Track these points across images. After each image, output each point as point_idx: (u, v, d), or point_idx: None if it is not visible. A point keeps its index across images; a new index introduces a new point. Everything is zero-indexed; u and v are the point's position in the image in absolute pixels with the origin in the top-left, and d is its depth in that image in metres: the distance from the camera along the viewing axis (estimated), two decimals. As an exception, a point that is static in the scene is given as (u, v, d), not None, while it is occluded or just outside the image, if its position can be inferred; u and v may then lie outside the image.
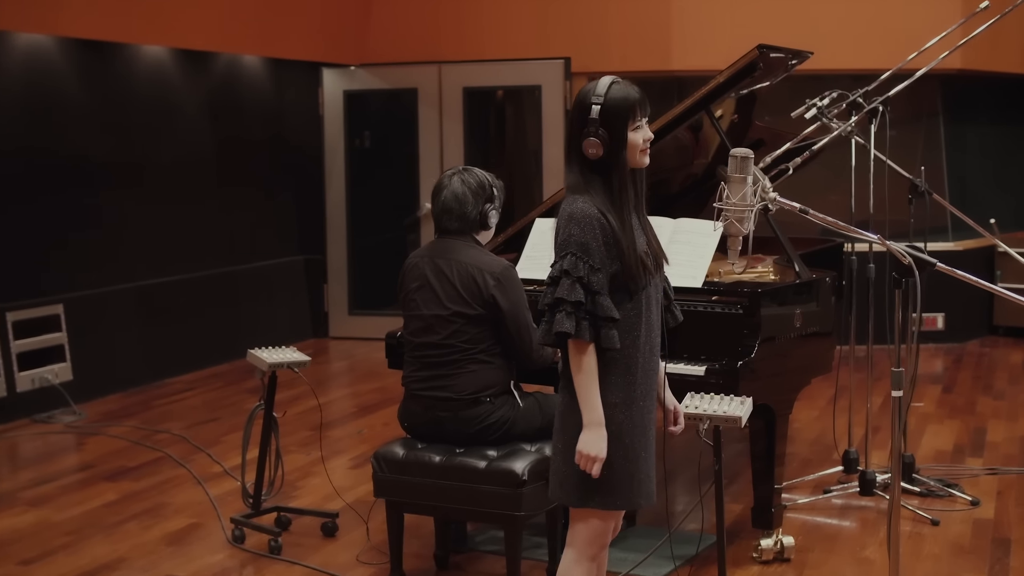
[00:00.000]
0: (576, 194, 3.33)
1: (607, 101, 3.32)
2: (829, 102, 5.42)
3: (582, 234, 3.26)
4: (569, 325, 3.23)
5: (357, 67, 9.96)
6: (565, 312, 3.24)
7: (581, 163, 3.35)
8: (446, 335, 4.33)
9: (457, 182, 4.47)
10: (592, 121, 3.30)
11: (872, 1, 9.15)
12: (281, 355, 4.98)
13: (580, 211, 3.28)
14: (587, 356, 3.28)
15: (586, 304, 3.25)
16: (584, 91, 3.36)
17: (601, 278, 3.27)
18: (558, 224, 3.33)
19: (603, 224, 3.28)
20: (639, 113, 3.35)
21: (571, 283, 3.24)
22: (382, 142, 10.22)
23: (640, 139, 3.36)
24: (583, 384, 3.30)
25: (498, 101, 10.30)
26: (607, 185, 3.34)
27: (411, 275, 4.46)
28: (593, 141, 3.29)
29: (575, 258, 3.25)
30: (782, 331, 4.61)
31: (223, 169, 9.29)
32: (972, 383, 8.13)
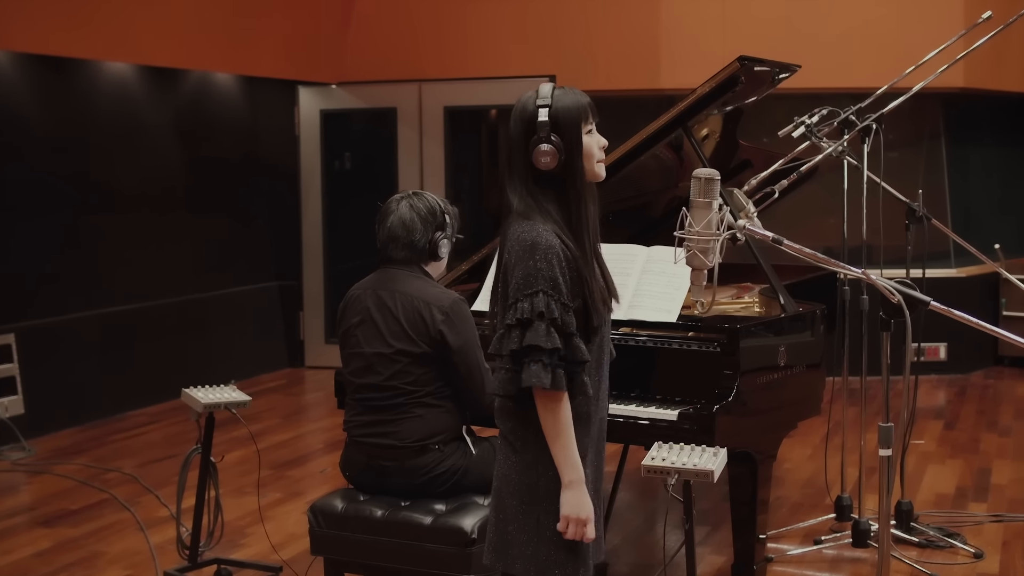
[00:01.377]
0: (527, 219, 2.91)
1: (556, 104, 2.91)
2: (819, 120, 5.00)
3: (549, 268, 2.84)
4: (546, 378, 2.81)
5: (334, 85, 9.57)
6: (541, 363, 2.81)
7: (528, 181, 2.93)
8: (389, 376, 3.91)
9: (405, 207, 4.06)
10: (542, 126, 2.89)
11: (870, 18, 8.75)
12: (218, 395, 4.55)
13: (543, 240, 2.86)
14: (564, 408, 2.88)
15: (562, 351, 2.85)
16: (523, 100, 2.96)
17: (573, 318, 2.86)
18: (513, 254, 2.90)
19: (565, 254, 2.86)
20: (591, 115, 2.95)
21: (547, 327, 2.82)
22: (360, 163, 9.83)
23: (595, 145, 2.95)
24: (562, 438, 2.88)
25: (483, 121, 9.90)
26: (563, 203, 2.93)
27: (352, 308, 4.05)
28: (546, 149, 2.88)
29: (547, 297, 2.83)
30: (765, 370, 4.18)
31: (192, 191, 8.89)
32: (976, 418, 7.69)
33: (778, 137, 5.17)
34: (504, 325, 2.89)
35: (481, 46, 9.30)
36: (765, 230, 2.79)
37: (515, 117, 2.96)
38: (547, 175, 2.91)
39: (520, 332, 2.85)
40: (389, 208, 4.08)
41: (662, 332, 4.24)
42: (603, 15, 9.05)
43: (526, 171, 2.93)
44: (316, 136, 9.67)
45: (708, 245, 2.78)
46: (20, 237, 7.40)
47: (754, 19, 8.77)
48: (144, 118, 8.43)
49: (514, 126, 2.96)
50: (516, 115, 2.96)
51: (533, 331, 2.82)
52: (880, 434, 2.71)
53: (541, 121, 2.90)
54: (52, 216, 7.63)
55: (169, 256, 8.65)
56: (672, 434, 3.94)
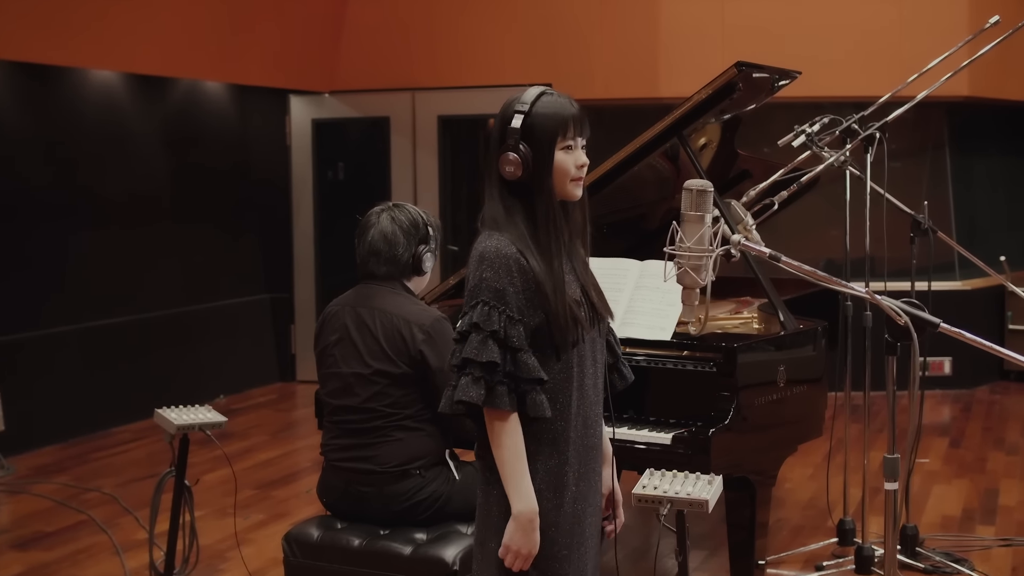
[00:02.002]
0: (493, 229, 2.73)
1: (533, 111, 2.72)
2: (820, 128, 4.81)
3: (496, 278, 2.67)
4: (475, 392, 2.64)
5: (326, 94, 9.39)
6: (472, 377, 2.64)
7: (501, 187, 2.76)
8: (367, 397, 3.72)
9: (386, 220, 3.87)
10: (511, 132, 2.71)
11: (872, 25, 8.56)
12: (192, 415, 4.35)
13: (493, 250, 2.69)
14: (508, 428, 2.68)
15: (503, 365, 2.65)
16: (508, 101, 2.77)
17: (522, 332, 2.67)
18: (471, 263, 2.75)
19: (521, 265, 2.68)
20: (572, 131, 2.75)
21: (481, 339, 2.65)
22: (353, 173, 9.64)
23: (571, 163, 2.76)
24: (507, 462, 2.70)
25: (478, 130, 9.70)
26: (529, 215, 2.75)
27: (330, 326, 3.86)
28: (511, 157, 2.70)
29: (488, 308, 2.66)
30: (763, 392, 3.99)
31: (181, 202, 8.70)
32: (982, 435, 7.49)
33: (778, 147, 4.99)
34: (452, 339, 2.74)
35: (475, 54, 9.11)
36: (762, 245, 2.60)
37: (497, 117, 2.79)
38: (516, 185, 2.73)
39: (460, 346, 2.70)
40: (369, 221, 3.90)
41: (656, 351, 4.05)
42: (600, 23, 8.87)
43: (497, 178, 2.76)
44: (308, 146, 9.48)
45: (700, 262, 2.58)
46: (1, 248, 7.21)
47: (754, 27, 8.59)
48: (131, 127, 8.25)
49: (495, 127, 2.79)
50: (498, 115, 2.78)
51: (468, 344, 2.66)
52: (885, 467, 2.52)
53: (511, 127, 2.72)
54: (35, 227, 7.44)
55: (156, 268, 8.46)
56: (666, 458, 3.76)
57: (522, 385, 2.67)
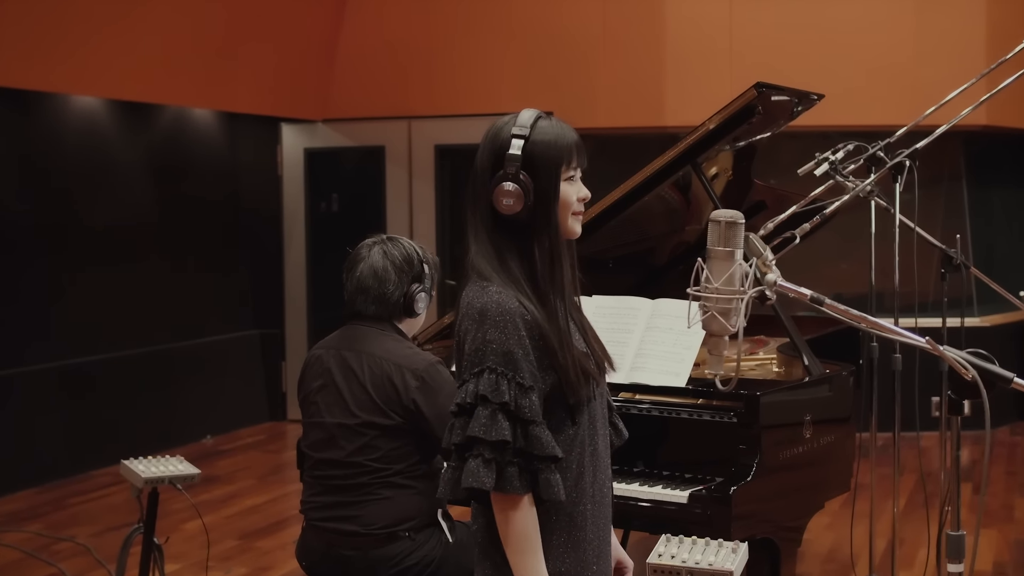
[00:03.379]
0: (483, 278, 2.37)
1: (534, 136, 2.37)
2: (844, 156, 4.46)
3: (503, 339, 2.30)
4: (487, 477, 2.27)
5: (319, 123, 9.07)
6: (482, 459, 2.27)
7: (490, 226, 2.39)
8: (353, 451, 3.36)
9: (377, 254, 3.52)
10: (511, 160, 2.35)
11: (886, 52, 8.25)
12: (162, 467, 3.99)
13: (495, 306, 2.31)
14: (522, 514, 2.32)
15: (515, 442, 2.29)
16: (497, 125, 2.42)
17: (535, 401, 2.31)
18: (462, 324, 2.37)
19: (527, 322, 2.32)
20: (575, 160, 2.41)
21: (490, 413, 2.28)
22: (347, 204, 9.30)
23: (574, 195, 2.41)
24: (522, 552, 2.33)
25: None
26: (526, 260, 2.38)
27: (312, 371, 3.50)
28: (510, 188, 2.34)
29: (495, 376, 2.29)
30: (788, 443, 3.63)
31: (167, 234, 8.35)
32: (1006, 481, 7.12)
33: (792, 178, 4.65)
34: (450, 413, 2.37)
35: (473, 81, 8.80)
36: (800, 287, 2.25)
37: (484, 144, 2.42)
38: (512, 222, 2.37)
39: (463, 421, 2.32)
40: (359, 255, 3.55)
41: (669, 398, 3.70)
42: (603, 49, 8.56)
43: (489, 214, 2.39)
44: (300, 176, 9.16)
45: (730, 305, 2.23)
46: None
47: (762, 53, 8.27)
48: (115, 156, 7.91)
49: (481, 155, 2.42)
50: (486, 142, 2.42)
51: (475, 419, 2.29)
52: (948, 545, 2.16)
53: (511, 154, 2.36)
54: (12, 259, 7.09)
55: (141, 303, 8.10)
56: (682, 518, 3.40)
57: (535, 463, 2.31)
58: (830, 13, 8.32)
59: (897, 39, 8.27)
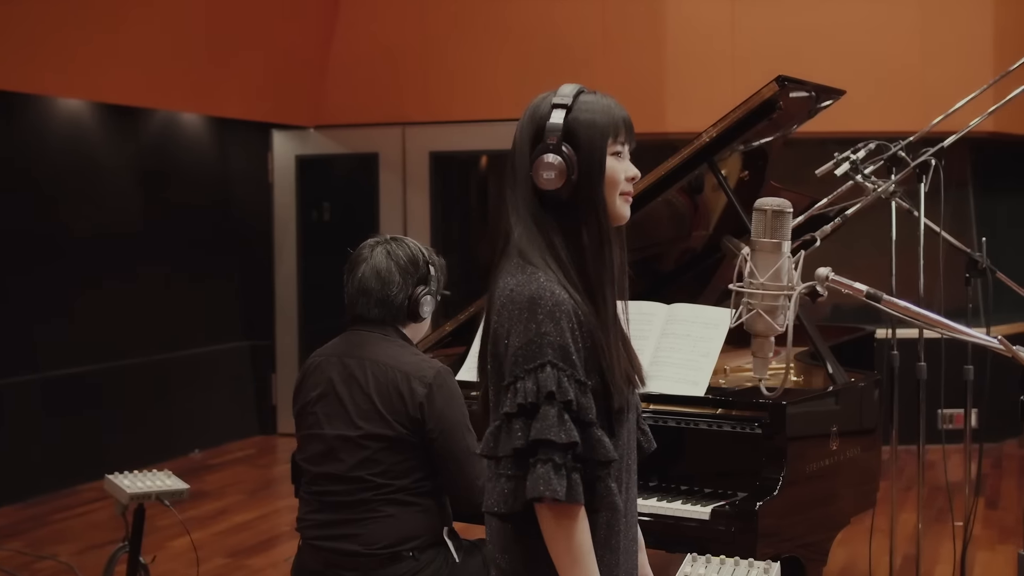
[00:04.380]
0: (528, 261, 2.16)
1: (578, 106, 2.18)
2: (865, 155, 4.27)
3: (558, 332, 2.09)
4: (560, 486, 2.05)
5: (311, 129, 8.87)
6: (552, 464, 2.05)
7: (533, 204, 2.18)
8: (354, 464, 3.14)
9: (381, 255, 3.31)
10: (552, 130, 2.14)
11: (891, 57, 8.08)
12: (148, 482, 3.77)
13: (549, 295, 2.11)
14: (581, 529, 2.12)
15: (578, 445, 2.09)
16: (537, 100, 2.22)
17: (591, 401, 2.11)
18: (504, 315, 2.15)
19: (579, 315, 2.12)
20: (623, 135, 2.21)
21: (558, 412, 2.06)
22: (339, 213, 9.10)
23: (622, 173, 2.21)
24: (584, 569, 2.11)
25: (472, 167, 9.19)
26: (573, 242, 2.17)
27: (311, 379, 3.28)
28: (551, 160, 2.13)
29: (557, 371, 2.08)
30: (815, 456, 3.43)
31: (155, 242, 8.12)
32: (1019, 494, 6.94)
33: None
34: (500, 415, 2.13)
35: (469, 87, 8.60)
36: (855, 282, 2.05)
37: (524, 121, 2.22)
38: (555, 201, 2.17)
39: (524, 422, 2.09)
40: (361, 255, 3.34)
41: (687, 408, 3.50)
42: (603, 55, 8.38)
43: (530, 192, 2.18)
44: (291, 183, 8.95)
45: (777, 302, 2.03)
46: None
47: (765, 58, 8.08)
48: (101, 161, 7.69)
49: (520, 132, 2.22)
50: (526, 118, 2.22)
51: (541, 419, 2.06)
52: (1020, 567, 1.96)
53: (552, 123, 2.16)
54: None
55: (128, 312, 7.86)
56: (704, 536, 3.20)
57: (594, 470, 2.10)
58: (833, 17, 8.15)
59: (902, 43, 8.10)
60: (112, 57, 6.80)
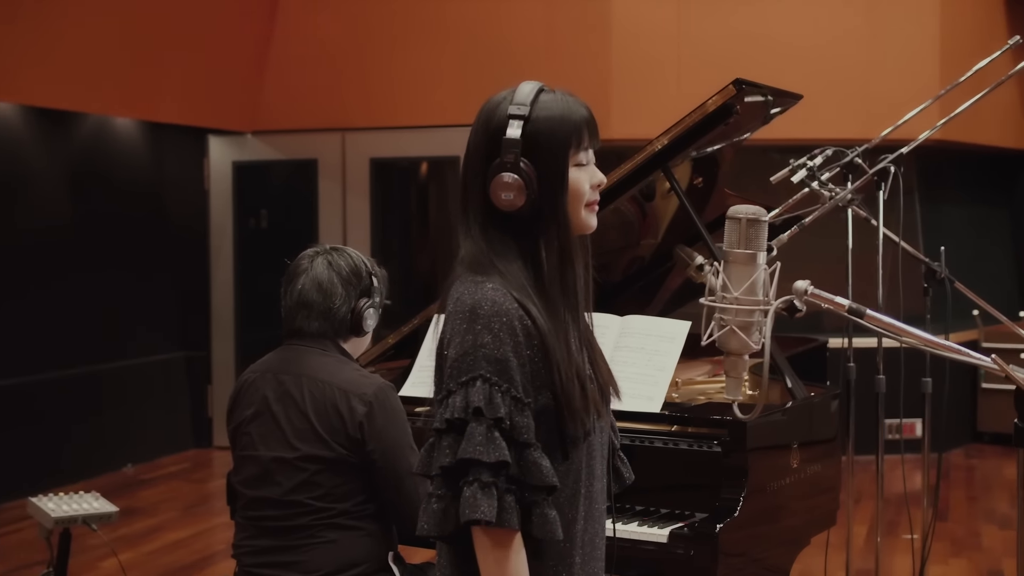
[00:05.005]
0: (477, 273, 2.01)
1: (536, 114, 2.02)
2: (823, 161, 4.15)
3: (496, 344, 1.95)
4: (488, 507, 1.90)
5: (248, 135, 8.65)
6: (479, 484, 1.90)
7: (486, 221, 2.04)
8: (291, 488, 2.96)
9: (322, 266, 3.13)
10: (509, 145, 1.98)
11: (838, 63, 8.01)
12: (75, 505, 3.57)
13: (490, 304, 1.96)
14: (517, 555, 1.97)
15: (511, 467, 1.94)
16: (492, 102, 2.07)
17: (530, 419, 1.96)
18: (451, 319, 2.01)
19: (526, 327, 1.97)
20: (586, 140, 2.07)
21: (486, 430, 1.92)
22: (277, 220, 8.89)
23: (586, 182, 2.07)
24: None
25: (413, 174, 9.01)
26: (531, 262, 2.03)
27: (245, 398, 3.10)
28: (509, 180, 1.99)
29: (489, 386, 1.93)
30: (777, 474, 3.29)
31: (86, 250, 7.87)
32: (968, 506, 6.86)
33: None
34: (433, 430, 1.99)
35: (411, 92, 8.43)
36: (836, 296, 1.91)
37: (477, 126, 2.07)
38: (512, 218, 2.02)
39: (453, 439, 1.95)
40: (300, 266, 3.16)
41: (641, 425, 3.35)
42: (548, 59, 8.24)
43: (484, 207, 2.03)
44: (228, 190, 8.73)
45: (752, 318, 1.89)
46: None
47: (711, 64, 7.99)
48: (31, 166, 7.44)
49: (474, 139, 2.07)
50: (479, 127, 2.07)
51: (468, 438, 1.92)
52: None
53: (509, 138, 2.00)
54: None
55: (58, 322, 7.61)
56: (661, 559, 3.06)
57: (528, 495, 1.95)
58: (779, 23, 8.08)
59: (849, 50, 8.04)
60: (40, 59, 6.57)
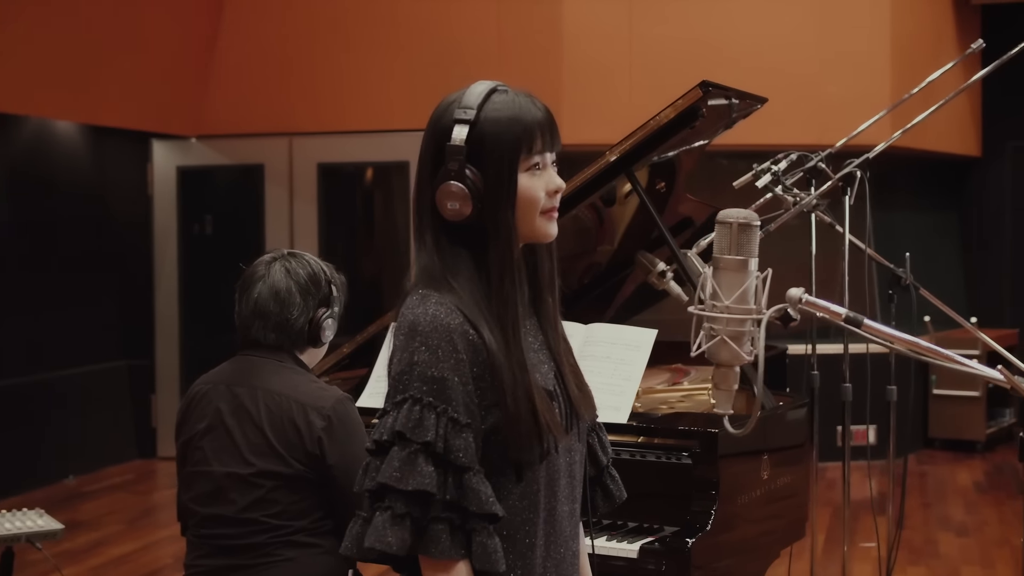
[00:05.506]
0: (428, 287, 1.91)
1: (484, 117, 1.92)
2: (787, 166, 4.09)
3: (432, 361, 1.85)
4: (395, 536, 1.82)
5: (193, 139, 8.49)
6: (391, 513, 1.82)
7: (437, 231, 1.94)
8: (246, 505, 2.83)
9: (279, 273, 2.99)
10: (453, 152, 1.89)
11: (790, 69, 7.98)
12: (19, 523, 3.42)
13: (429, 320, 1.86)
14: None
15: (442, 492, 1.83)
16: (443, 104, 1.97)
17: (470, 442, 1.86)
18: (395, 336, 1.92)
19: (471, 342, 1.87)
20: (540, 143, 1.96)
21: (407, 456, 1.83)
22: (222, 226, 8.72)
23: (541, 189, 1.96)
24: None
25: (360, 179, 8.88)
26: (479, 269, 1.93)
27: (197, 410, 2.96)
28: (455, 188, 1.89)
29: (420, 408, 1.84)
30: (748, 486, 3.21)
31: (27, 256, 7.68)
32: (923, 513, 6.85)
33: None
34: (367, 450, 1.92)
35: (359, 97, 8.31)
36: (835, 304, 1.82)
37: (427, 130, 1.97)
38: (462, 227, 1.93)
39: (378, 463, 1.87)
40: (256, 273, 3.01)
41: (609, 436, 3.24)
42: (499, 64, 8.15)
43: (434, 217, 1.95)
44: (172, 195, 8.57)
45: (743, 328, 1.79)
46: None
47: (663, 69, 7.93)
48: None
49: (423, 145, 1.97)
50: (428, 128, 1.98)
51: (387, 462, 1.84)
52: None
53: (453, 145, 1.91)
54: None
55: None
56: (631, 574, 2.95)
57: (469, 523, 1.85)
58: (732, 27, 8.05)
59: (801, 55, 8.02)
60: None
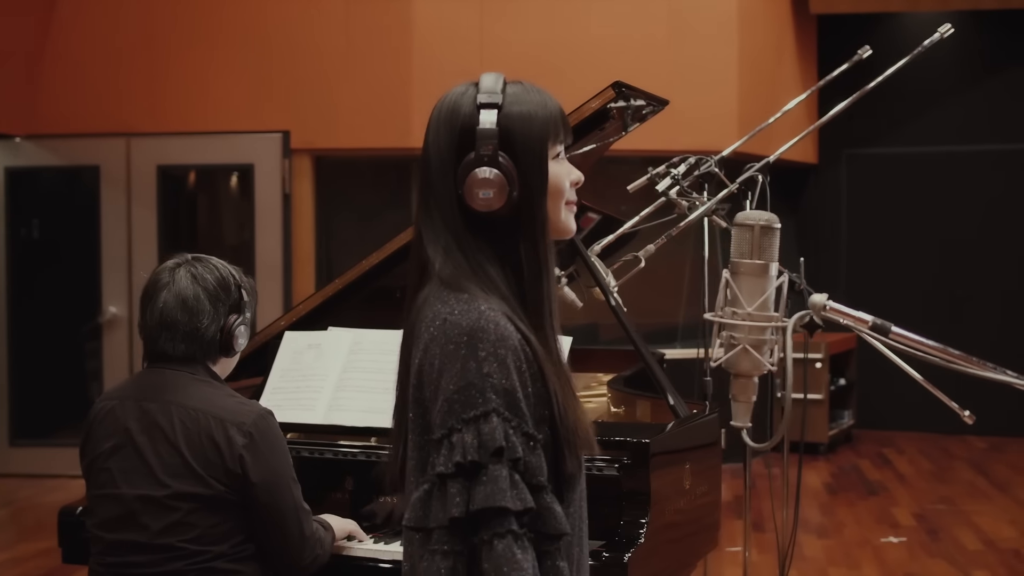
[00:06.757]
0: (454, 288, 1.75)
1: (510, 105, 1.78)
2: (686, 169, 4.03)
3: (503, 373, 1.69)
4: (529, 565, 1.66)
5: (18, 139, 8.06)
6: (512, 536, 1.65)
7: (459, 226, 1.78)
8: (161, 530, 2.62)
9: (185, 280, 2.77)
10: (485, 137, 1.74)
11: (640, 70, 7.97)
12: None
13: (492, 327, 1.71)
14: None
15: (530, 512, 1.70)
16: (452, 97, 1.83)
17: (541, 459, 1.72)
18: (435, 349, 1.74)
19: (526, 352, 1.72)
20: (563, 133, 1.84)
21: (508, 474, 1.66)
22: (54, 231, 8.31)
23: (565, 178, 1.84)
24: None
25: (203, 181, 8.57)
26: (504, 267, 1.79)
27: (103, 428, 2.73)
28: (489, 176, 1.74)
29: (504, 423, 1.68)
30: (674, 498, 3.13)
31: None
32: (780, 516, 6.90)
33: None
34: (431, 477, 1.71)
35: (201, 97, 8.01)
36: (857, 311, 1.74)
37: (439, 124, 1.82)
38: (487, 221, 1.78)
39: (463, 485, 1.68)
40: (160, 280, 2.78)
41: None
42: (346, 65, 7.95)
43: (454, 211, 1.78)
44: (0, 198, 8.14)
45: (764, 336, 1.70)
46: None
47: (515, 72, 7.76)
48: None
49: (435, 138, 1.82)
50: (442, 121, 1.82)
51: (491, 482, 1.66)
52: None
53: (484, 128, 1.76)
54: None
55: None
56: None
57: (541, 545, 1.70)
58: (583, 30, 8.05)
59: (651, 59, 8.06)
60: None
